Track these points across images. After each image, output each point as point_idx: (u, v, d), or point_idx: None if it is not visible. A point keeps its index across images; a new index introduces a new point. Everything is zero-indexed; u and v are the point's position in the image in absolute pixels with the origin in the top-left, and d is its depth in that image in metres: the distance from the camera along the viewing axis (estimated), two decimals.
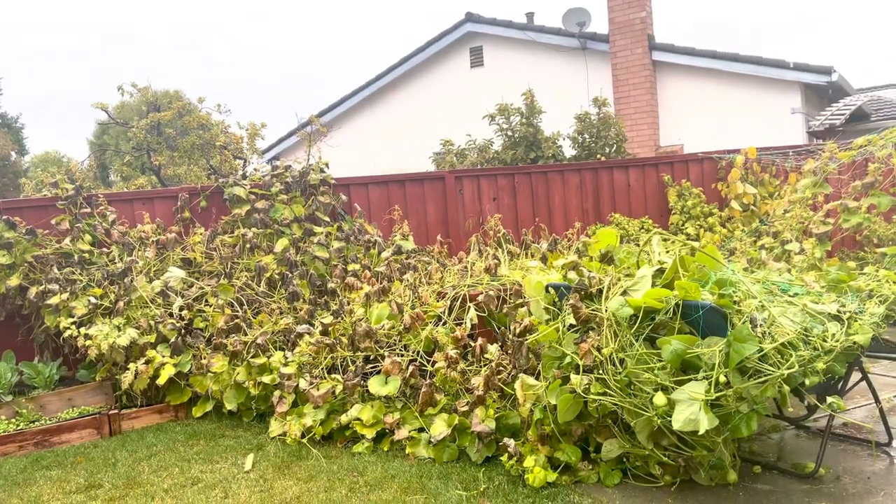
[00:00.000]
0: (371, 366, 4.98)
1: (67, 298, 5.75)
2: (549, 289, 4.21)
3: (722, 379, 3.19)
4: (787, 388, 3.30)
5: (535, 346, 4.24)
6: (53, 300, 5.71)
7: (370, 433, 4.55)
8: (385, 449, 4.48)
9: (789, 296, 3.93)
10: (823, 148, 6.64)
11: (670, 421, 3.26)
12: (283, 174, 7.26)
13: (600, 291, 3.85)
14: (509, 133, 10.13)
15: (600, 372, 3.62)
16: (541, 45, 14.69)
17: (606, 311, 3.68)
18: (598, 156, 9.99)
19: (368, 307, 5.44)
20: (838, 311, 3.65)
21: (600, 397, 3.56)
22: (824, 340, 3.42)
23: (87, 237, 6.36)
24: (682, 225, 8.14)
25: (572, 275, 4.21)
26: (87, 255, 6.27)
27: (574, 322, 3.88)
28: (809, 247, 5.98)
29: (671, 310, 3.51)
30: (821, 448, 3.63)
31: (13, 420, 5.32)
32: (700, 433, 3.14)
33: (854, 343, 3.50)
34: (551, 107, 10.82)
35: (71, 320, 5.63)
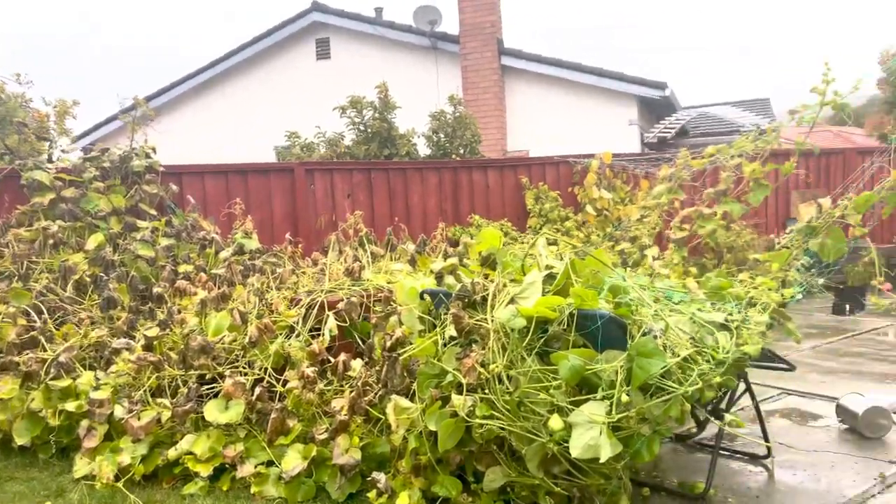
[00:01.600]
0: (207, 387, 4.18)
1: None
2: (425, 295, 3.70)
3: (624, 398, 2.85)
4: (688, 405, 3.04)
5: (407, 362, 3.70)
6: None
7: (206, 469, 3.76)
8: (224, 488, 3.72)
9: (673, 303, 3.73)
10: (677, 155, 6.75)
11: (566, 447, 2.88)
12: (100, 158, 6.16)
13: (484, 299, 3.40)
14: (362, 127, 9.54)
15: (486, 391, 3.17)
16: (390, 41, 14.22)
17: (493, 321, 3.24)
18: (453, 156, 9.67)
19: (204, 316, 4.62)
20: (726, 321, 3.48)
21: (487, 421, 3.10)
22: (716, 352, 3.23)
23: None
24: (540, 228, 8.00)
25: (451, 280, 3.74)
26: None
27: (455, 334, 3.40)
28: (668, 253, 5.98)
29: (565, 320, 3.15)
30: (711, 466, 3.43)
31: None
32: (602, 461, 2.78)
33: (744, 354, 3.34)
34: (401, 104, 10.35)
35: None
